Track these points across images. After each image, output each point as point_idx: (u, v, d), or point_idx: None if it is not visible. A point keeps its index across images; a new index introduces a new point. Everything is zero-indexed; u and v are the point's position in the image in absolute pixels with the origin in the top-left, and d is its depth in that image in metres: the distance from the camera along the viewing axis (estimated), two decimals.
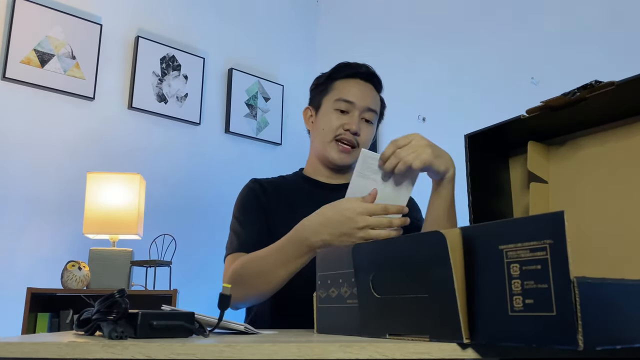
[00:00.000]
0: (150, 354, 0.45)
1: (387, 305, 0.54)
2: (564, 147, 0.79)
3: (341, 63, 1.23)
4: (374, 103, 1.20)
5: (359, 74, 1.20)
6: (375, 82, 1.23)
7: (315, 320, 0.68)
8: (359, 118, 1.16)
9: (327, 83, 1.22)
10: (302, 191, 1.20)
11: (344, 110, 1.16)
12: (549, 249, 0.40)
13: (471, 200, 0.80)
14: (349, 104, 1.16)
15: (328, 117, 1.17)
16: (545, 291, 0.40)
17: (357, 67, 1.21)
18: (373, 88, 1.22)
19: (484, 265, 0.46)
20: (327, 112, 1.18)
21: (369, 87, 1.21)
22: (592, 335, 0.38)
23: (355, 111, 1.16)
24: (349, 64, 1.22)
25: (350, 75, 1.20)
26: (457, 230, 0.48)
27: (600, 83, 0.66)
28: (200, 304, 2.39)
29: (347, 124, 1.15)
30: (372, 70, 1.23)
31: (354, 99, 1.16)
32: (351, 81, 1.20)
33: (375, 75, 1.23)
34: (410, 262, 0.52)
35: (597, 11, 1.93)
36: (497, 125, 0.78)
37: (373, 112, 1.19)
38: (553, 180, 0.79)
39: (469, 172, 0.80)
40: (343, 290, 0.61)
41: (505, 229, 0.44)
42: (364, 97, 1.18)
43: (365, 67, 1.22)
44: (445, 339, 0.47)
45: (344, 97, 1.16)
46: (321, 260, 0.67)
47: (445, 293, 0.47)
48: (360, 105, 1.16)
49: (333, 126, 1.16)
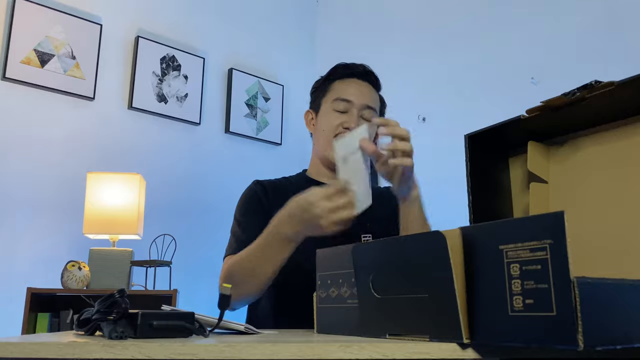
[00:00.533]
0: (150, 354, 0.45)
1: (387, 305, 0.54)
2: (563, 147, 0.79)
3: (338, 64, 1.24)
4: (372, 101, 1.20)
5: (355, 73, 1.20)
6: (372, 80, 1.23)
7: (315, 320, 0.68)
8: (358, 116, 1.16)
9: (325, 85, 1.22)
10: None
11: (343, 110, 1.16)
12: (549, 249, 0.40)
13: (471, 200, 0.80)
14: (347, 103, 1.16)
15: (327, 118, 1.18)
16: (545, 291, 0.40)
17: (353, 67, 1.21)
18: (371, 86, 1.22)
19: (484, 265, 0.46)
20: (326, 112, 1.19)
21: (367, 85, 1.21)
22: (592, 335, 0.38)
23: (354, 110, 1.16)
24: (346, 65, 1.22)
25: (347, 75, 1.20)
26: (457, 231, 0.48)
27: (600, 83, 0.66)
28: (201, 304, 2.39)
29: (346, 122, 1.15)
30: (369, 69, 1.23)
31: (352, 98, 1.17)
32: (348, 81, 1.20)
33: (373, 74, 1.23)
34: (410, 262, 0.52)
35: (597, 11, 1.93)
36: (497, 126, 0.78)
37: (372, 110, 1.19)
38: (553, 180, 0.79)
39: (469, 172, 0.80)
40: (343, 290, 0.61)
41: (505, 229, 0.44)
42: (362, 95, 1.18)
43: (362, 66, 1.22)
44: (445, 339, 0.47)
45: (341, 97, 1.17)
46: (321, 260, 0.67)
47: (446, 293, 0.47)
48: (359, 104, 1.17)
49: (332, 126, 1.16)
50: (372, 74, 1.23)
